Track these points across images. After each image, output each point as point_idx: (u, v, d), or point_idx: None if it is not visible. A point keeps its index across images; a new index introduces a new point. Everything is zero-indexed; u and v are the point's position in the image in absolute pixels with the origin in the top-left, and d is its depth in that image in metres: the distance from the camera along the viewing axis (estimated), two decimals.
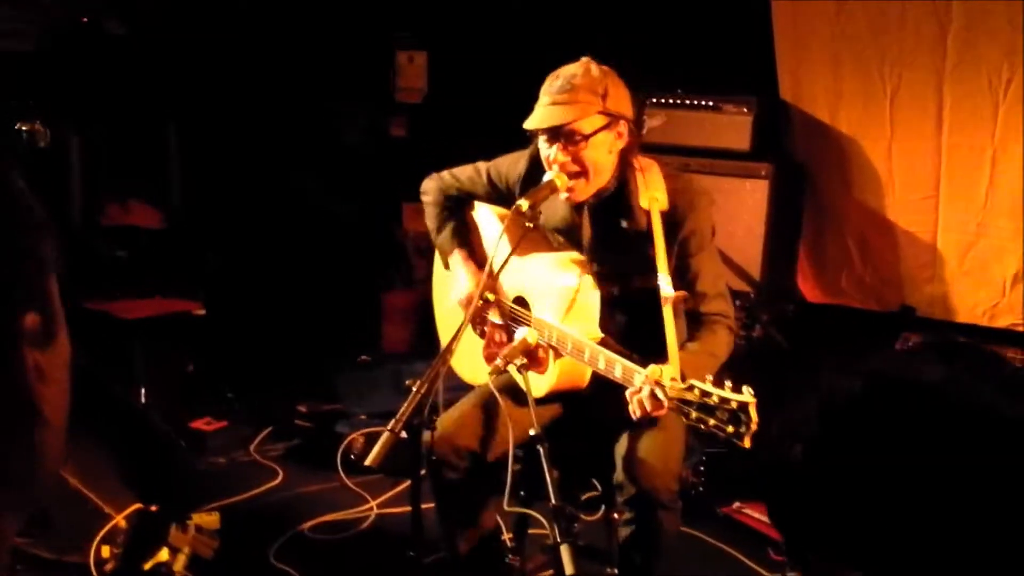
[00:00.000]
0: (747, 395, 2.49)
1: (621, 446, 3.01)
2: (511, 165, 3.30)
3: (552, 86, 2.98)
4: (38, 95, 5.11)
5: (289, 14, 6.18)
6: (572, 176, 2.99)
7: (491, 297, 3.26)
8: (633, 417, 2.78)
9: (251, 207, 6.33)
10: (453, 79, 6.21)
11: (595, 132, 2.96)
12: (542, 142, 3.03)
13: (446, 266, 3.52)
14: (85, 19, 5.70)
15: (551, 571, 3.47)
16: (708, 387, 2.55)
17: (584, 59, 3.01)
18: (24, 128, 3.85)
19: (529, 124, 3.00)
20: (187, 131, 6.27)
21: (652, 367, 2.73)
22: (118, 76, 5.88)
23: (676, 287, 2.94)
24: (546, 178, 3.01)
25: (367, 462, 2.57)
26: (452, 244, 3.45)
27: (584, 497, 3.57)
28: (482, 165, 3.39)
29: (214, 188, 6.31)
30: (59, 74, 5.67)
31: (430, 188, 3.50)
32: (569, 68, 3.00)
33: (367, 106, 6.53)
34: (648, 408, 2.71)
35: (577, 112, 2.93)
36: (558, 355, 3.06)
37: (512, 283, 3.30)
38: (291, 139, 6.35)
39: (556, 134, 2.97)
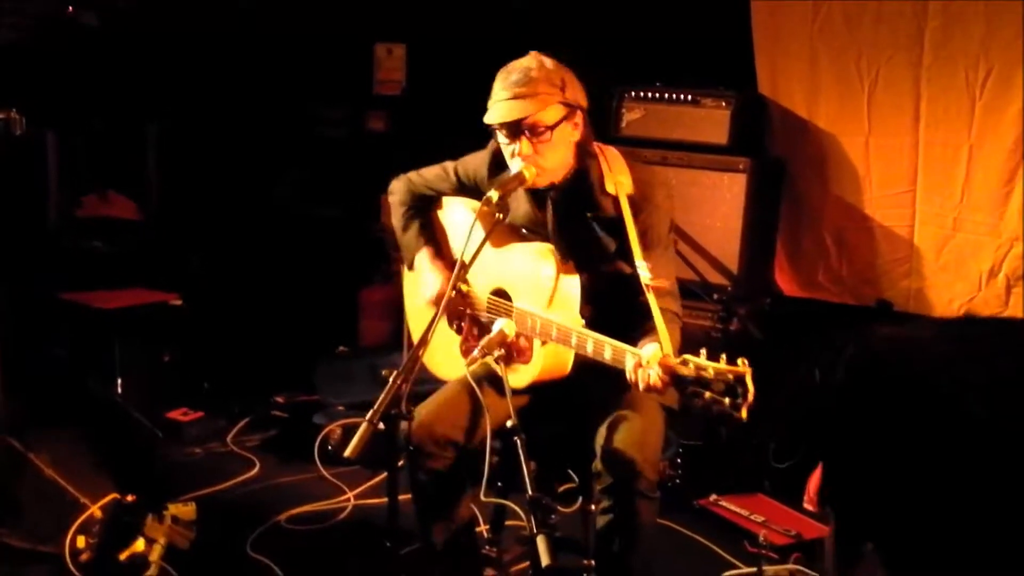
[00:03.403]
0: (742, 366, 2.48)
1: (600, 436, 3.02)
2: (478, 163, 3.32)
3: (508, 79, 2.99)
4: (14, 86, 5.09)
5: (267, 7, 6.16)
6: (535, 165, 3.01)
7: (464, 287, 3.26)
8: (642, 389, 2.76)
9: (229, 201, 6.31)
10: (432, 72, 6.20)
11: (557, 123, 2.98)
12: (502, 137, 3.05)
13: (410, 266, 3.52)
14: (71, 8, 5.68)
15: (527, 562, 3.47)
16: (702, 361, 2.55)
17: (532, 53, 3.04)
18: None
19: (491, 119, 3.01)
20: (166, 126, 6.25)
21: (646, 345, 2.75)
22: (96, 71, 5.86)
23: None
24: (514, 169, 3.02)
25: (346, 454, 2.57)
26: (418, 242, 3.46)
27: (561, 489, 3.59)
28: (449, 164, 3.41)
29: (193, 182, 6.30)
30: (35, 66, 5.65)
31: (397, 188, 3.51)
32: (521, 62, 3.02)
33: (345, 99, 6.52)
34: (651, 383, 2.71)
35: (539, 104, 2.95)
36: (542, 344, 3.06)
37: (490, 276, 3.30)
38: (269, 133, 6.34)
39: (518, 128, 2.98)
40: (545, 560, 2.45)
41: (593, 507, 3.13)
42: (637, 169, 3.12)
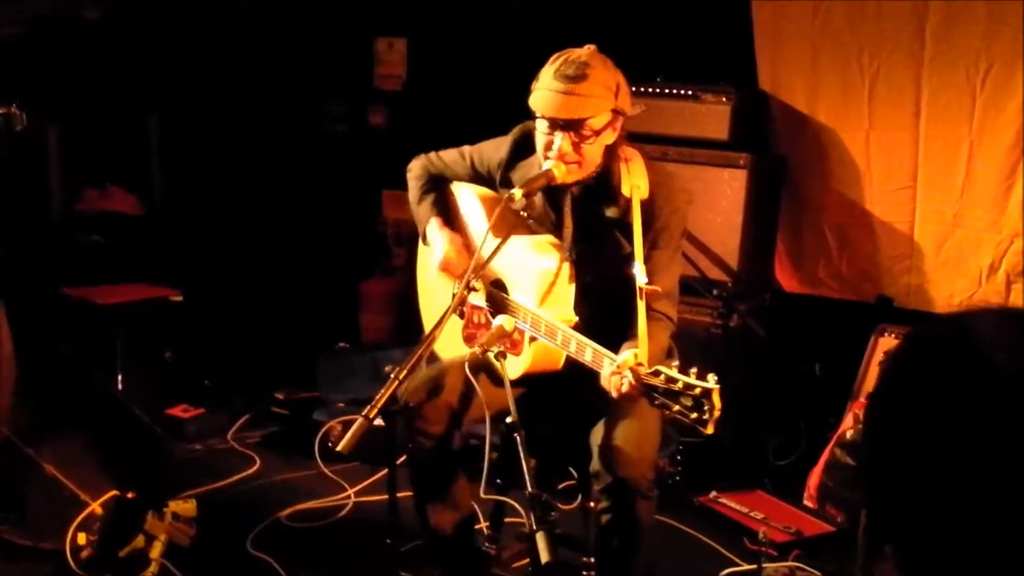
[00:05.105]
0: (711, 382, 2.53)
1: (597, 434, 3.02)
2: (493, 151, 3.31)
3: (564, 71, 2.91)
4: (16, 81, 5.09)
5: (268, 0, 6.16)
6: (567, 163, 2.98)
7: (478, 286, 3.26)
8: (614, 396, 2.78)
9: (230, 195, 6.31)
10: (433, 66, 6.20)
11: (604, 128, 2.96)
12: (541, 124, 2.99)
13: (423, 239, 3.52)
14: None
15: (527, 559, 3.47)
16: (673, 373, 2.59)
17: (592, 48, 2.97)
18: None
19: (540, 108, 2.96)
20: (167, 121, 6.26)
21: (624, 352, 2.76)
22: (97, 66, 5.87)
23: None
24: (544, 166, 3.00)
25: (339, 448, 2.58)
26: (430, 213, 3.46)
27: (561, 486, 3.59)
28: (467, 149, 3.41)
29: (194, 177, 6.30)
30: (37, 61, 5.65)
31: (415, 165, 3.52)
32: (580, 55, 2.94)
33: (346, 94, 6.52)
34: (623, 391, 2.72)
35: (594, 109, 2.92)
36: (532, 337, 3.07)
37: (491, 265, 3.30)
38: (270, 127, 6.33)
39: (564, 123, 2.94)
40: (545, 556, 2.46)
41: (592, 505, 3.13)
42: (656, 171, 3.10)
